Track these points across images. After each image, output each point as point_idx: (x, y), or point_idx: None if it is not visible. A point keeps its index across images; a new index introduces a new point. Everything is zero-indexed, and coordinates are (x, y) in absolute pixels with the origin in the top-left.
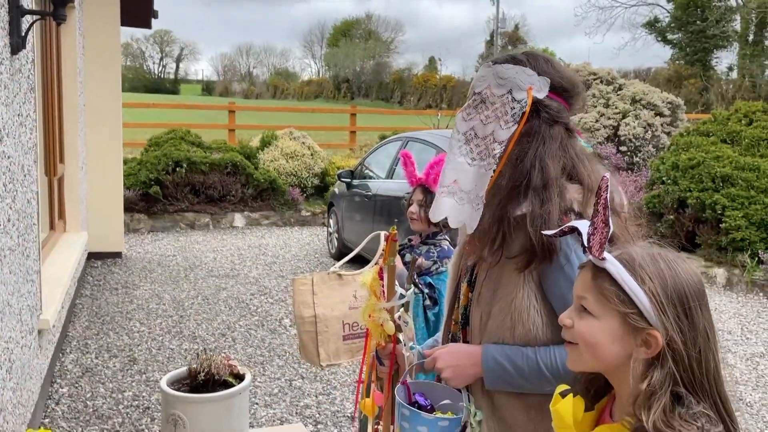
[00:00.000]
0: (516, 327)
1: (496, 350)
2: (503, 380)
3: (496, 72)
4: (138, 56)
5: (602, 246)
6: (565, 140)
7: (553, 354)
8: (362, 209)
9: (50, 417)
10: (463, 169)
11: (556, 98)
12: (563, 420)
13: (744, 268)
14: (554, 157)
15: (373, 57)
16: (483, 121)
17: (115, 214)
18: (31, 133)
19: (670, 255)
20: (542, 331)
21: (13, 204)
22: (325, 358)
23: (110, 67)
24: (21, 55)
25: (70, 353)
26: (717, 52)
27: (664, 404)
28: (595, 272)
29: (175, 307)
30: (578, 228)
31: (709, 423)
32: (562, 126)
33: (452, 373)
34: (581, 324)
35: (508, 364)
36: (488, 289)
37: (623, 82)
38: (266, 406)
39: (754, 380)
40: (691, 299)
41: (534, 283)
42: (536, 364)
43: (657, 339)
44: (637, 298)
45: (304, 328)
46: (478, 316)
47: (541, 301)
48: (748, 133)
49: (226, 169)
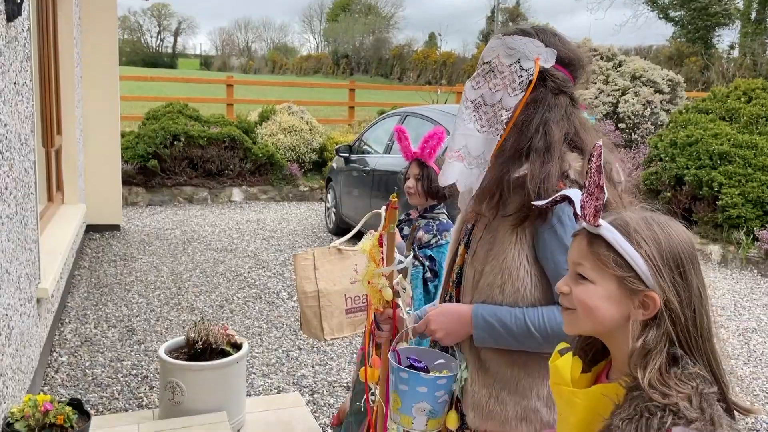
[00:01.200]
0: (505, 285)
1: (485, 310)
2: (492, 338)
3: (505, 43)
4: (135, 30)
5: (597, 212)
6: (569, 109)
7: (541, 314)
8: (360, 184)
9: (50, 384)
10: (472, 134)
11: (561, 70)
12: (561, 376)
13: (739, 245)
14: (558, 123)
15: (372, 32)
16: (492, 89)
17: (113, 187)
18: (27, 102)
19: (662, 218)
20: (530, 291)
21: (10, 172)
22: (329, 332)
23: (107, 39)
24: (17, 23)
25: (69, 323)
26: (719, 30)
27: (660, 363)
28: (591, 239)
29: (173, 280)
30: (570, 196)
31: (704, 383)
32: (566, 96)
33: (444, 333)
34: (579, 290)
35: (496, 323)
36: (483, 248)
37: (623, 58)
38: (263, 376)
39: (746, 354)
40: (685, 261)
41: (526, 244)
42: (524, 324)
43: (655, 300)
44: (633, 262)
45: (307, 303)
46: (472, 274)
47: (533, 262)
48: (747, 111)
49: (224, 144)
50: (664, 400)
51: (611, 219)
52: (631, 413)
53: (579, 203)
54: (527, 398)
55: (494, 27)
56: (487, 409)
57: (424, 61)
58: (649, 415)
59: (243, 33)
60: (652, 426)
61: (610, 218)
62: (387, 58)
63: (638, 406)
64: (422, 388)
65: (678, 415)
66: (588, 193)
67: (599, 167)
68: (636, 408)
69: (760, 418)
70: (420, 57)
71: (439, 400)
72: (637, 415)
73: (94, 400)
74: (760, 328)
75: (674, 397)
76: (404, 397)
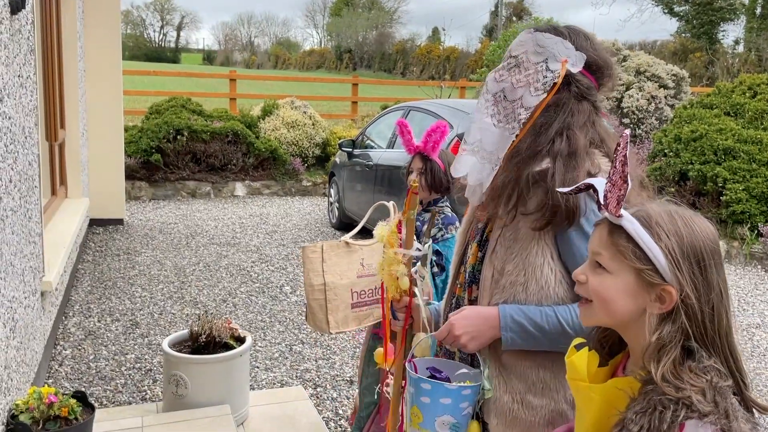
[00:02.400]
0: (529, 283)
1: (513, 310)
2: (522, 340)
3: (536, 39)
4: (138, 24)
5: (620, 203)
6: (592, 117)
7: (573, 311)
8: (363, 179)
9: (54, 377)
10: (488, 129)
11: (588, 75)
12: (578, 371)
13: (743, 240)
14: (582, 128)
15: (375, 27)
16: (514, 84)
17: (116, 181)
18: (31, 95)
19: (687, 213)
20: (554, 289)
21: (14, 165)
22: (335, 326)
23: (110, 33)
24: (21, 16)
25: (73, 316)
26: (724, 25)
27: (674, 357)
28: (611, 229)
29: (176, 274)
30: (594, 185)
31: (719, 377)
32: (589, 103)
33: (470, 337)
34: (596, 279)
35: (527, 323)
36: (503, 246)
37: (628, 53)
38: (267, 370)
39: (749, 350)
40: (706, 257)
41: (550, 240)
42: (557, 322)
43: (671, 294)
44: (652, 255)
45: (313, 296)
46: (490, 273)
47: (557, 259)
48: (751, 106)
49: (227, 138)
50: (677, 394)
51: (634, 210)
52: (645, 406)
53: (602, 193)
54: (555, 401)
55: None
56: (511, 415)
57: (428, 56)
58: (663, 409)
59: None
60: (665, 420)
61: (633, 210)
62: (390, 53)
63: (652, 399)
64: (446, 399)
65: (691, 409)
66: (611, 183)
67: (625, 158)
68: (650, 401)
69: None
70: (423, 52)
71: (463, 412)
72: (650, 408)
73: (98, 393)
74: (764, 324)
75: (687, 391)
76: (426, 410)
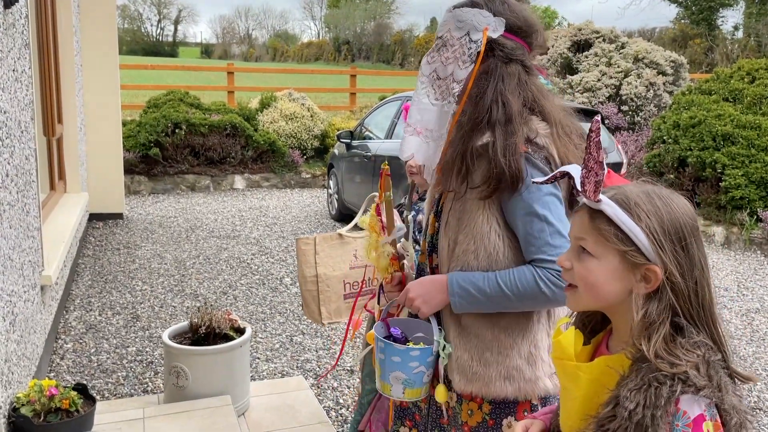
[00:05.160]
0: (479, 250)
1: (459, 276)
2: (468, 303)
3: (455, 15)
4: (136, 19)
5: (598, 188)
6: (523, 77)
7: (512, 274)
8: (362, 170)
9: (55, 371)
10: (427, 108)
11: (512, 38)
12: (565, 351)
13: (743, 226)
14: (513, 92)
15: (374, 18)
16: (444, 63)
17: (115, 176)
18: (27, 90)
19: (664, 192)
20: (503, 254)
21: (11, 159)
22: (327, 316)
23: (106, 27)
24: (14, 10)
25: (73, 310)
26: (723, 11)
27: (664, 334)
28: (592, 214)
29: (176, 267)
30: (570, 172)
31: (710, 351)
32: (518, 64)
33: (422, 301)
34: (581, 265)
35: (471, 287)
36: (454, 217)
37: (626, 40)
38: (267, 361)
39: (749, 335)
40: (687, 233)
41: (495, 209)
42: (497, 284)
43: (656, 273)
44: (634, 236)
45: (306, 287)
46: (446, 243)
47: (503, 226)
48: (750, 91)
49: (226, 131)
50: (672, 370)
51: (612, 194)
52: (639, 383)
53: (579, 179)
54: (509, 357)
55: None
56: (471, 371)
57: (426, 46)
58: (658, 385)
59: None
60: (661, 395)
61: (610, 193)
62: (388, 43)
63: (646, 376)
64: (396, 358)
65: (687, 384)
66: (587, 168)
67: (598, 143)
68: (644, 378)
69: (763, 397)
70: (421, 42)
71: (414, 370)
72: (645, 385)
73: (100, 386)
74: (763, 309)
75: (683, 366)
76: (383, 365)
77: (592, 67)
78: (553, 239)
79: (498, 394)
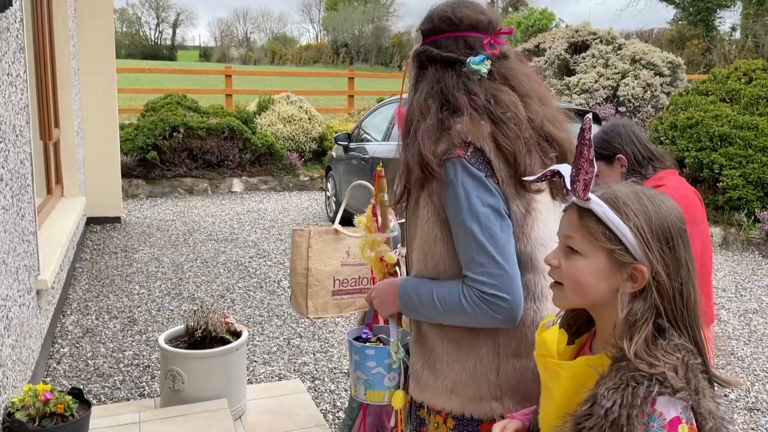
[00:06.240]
0: (427, 258)
1: (409, 282)
2: (411, 310)
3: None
4: (134, 22)
5: (587, 187)
6: (438, 75)
7: (445, 286)
8: (360, 172)
9: (52, 375)
10: None
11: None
12: (548, 348)
13: (740, 226)
14: (426, 97)
15: (372, 21)
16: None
17: (113, 179)
18: (22, 94)
19: (652, 192)
20: (446, 262)
21: (5, 163)
22: (313, 311)
23: (103, 31)
24: (8, 14)
25: (70, 315)
26: (720, 12)
27: (646, 335)
28: (581, 212)
29: (174, 270)
30: (560, 171)
31: (690, 355)
32: (438, 64)
33: (379, 302)
34: (568, 264)
35: (413, 294)
36: (411, 224)
37: (623, 41)
38: (265, 364)
39: (747, 335)
40: (674, 234)
41: (438, 215)
42: (431, 294)
43: (643, 273)
44: (622, 234)
45: (295, 279)
46: (410, 250)
47: (447, 233)
48: (747, 92)
49: (224, 134)
50: (650, 370)
51: (601, 193)
52: (617, 382)
53: (569, 177)
54: (454, 371)
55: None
56: (422, 380)
57: None
58: (636, 384)
59: (242, 24)
60: (638, 395)
61: (599, 192)
62: (387, 46)
63: (624, 375)
64: (356, 356)
65: (664, 385)
66: (577, 167)
67: (589, 141)
68: (622, 377)
69: (761, 397)
70: None
71: (372, 371)
72: (623, 384)
73: (97, 390)
74: (761, 309)
75: (661, 367)
76: (351, 365)
77: (590, 69)
78: (480, 257)
79: (443, 407)
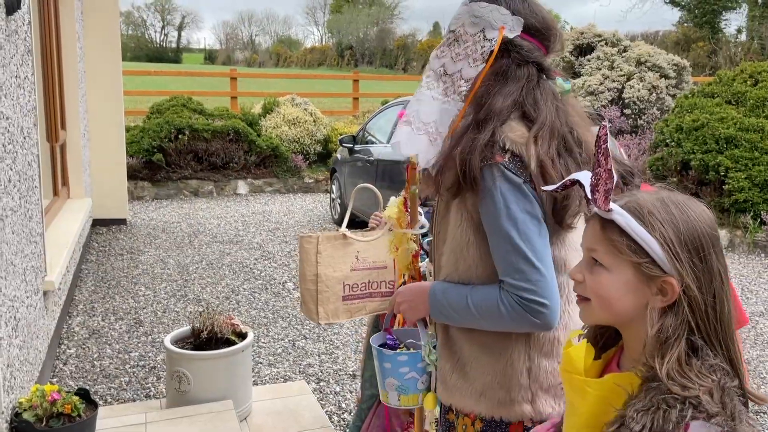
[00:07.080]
0: (458, 263)
1: (440, 286)
2: (442, 315)
3: (471, 10)
4: (140, 25)
5: (608, 197)
6: (532, 80)
7: (481, 291)
8: (365, 174)
9: (58, 376)
10: (426, 100)
11: (529, 39)
12: (574, 364)
13: (746, 229)
14: (508, 94)
15: (376, 23)
16: (453, 59)
17: (118, 181)
18: (29, 96)
19: (681, 198)
20: (479, 267)
21: (13, 165)
22: (324, 317)
23: (109, 33)
24: (17, 17)
25: (77, 316)
26: (726, 14)
27: (678, 353)
28: (603, 223)
29: (179, 272)
30: (580, 180)
31: (726, 377)
32: (533, 66)
33: (407, 306)
34: (592, 278)
35: (444, 300)
36: (442, 228)
37: (628, 43)
38: (270, 366)
39: (753, 338)
40: (705, 243)
41: (472, 220)
42: (465, 299)
43: (673, 286)
44: (648, 246)
45: (305, 285)
46: (439, 254)
47: (481, 238)
48: (753, 94)
49: (229, 137)
50: (684, 393)
51: (624, 202)
52: (648, 404)
53: (589, 187)
54: (484, 374)
55: None
56: (451, 383)
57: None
58: (668, 408)
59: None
60: (670, 419)
61: (622, 201)
62: (391, 48)
63: (655, 397)
64: (387, 364)
65: (698, 409)
66: (597, 176)
67: (606, 150)
68: (653, 399)
69: None
70: (424, 47)
71: (406, 376)
72: (653, 406)
73: (103, 391)
74: (767, 312)
75: (695, 390)
76: (379, 373)
77: (595, 71)
78: (519, 263)
79: (472, 410)
